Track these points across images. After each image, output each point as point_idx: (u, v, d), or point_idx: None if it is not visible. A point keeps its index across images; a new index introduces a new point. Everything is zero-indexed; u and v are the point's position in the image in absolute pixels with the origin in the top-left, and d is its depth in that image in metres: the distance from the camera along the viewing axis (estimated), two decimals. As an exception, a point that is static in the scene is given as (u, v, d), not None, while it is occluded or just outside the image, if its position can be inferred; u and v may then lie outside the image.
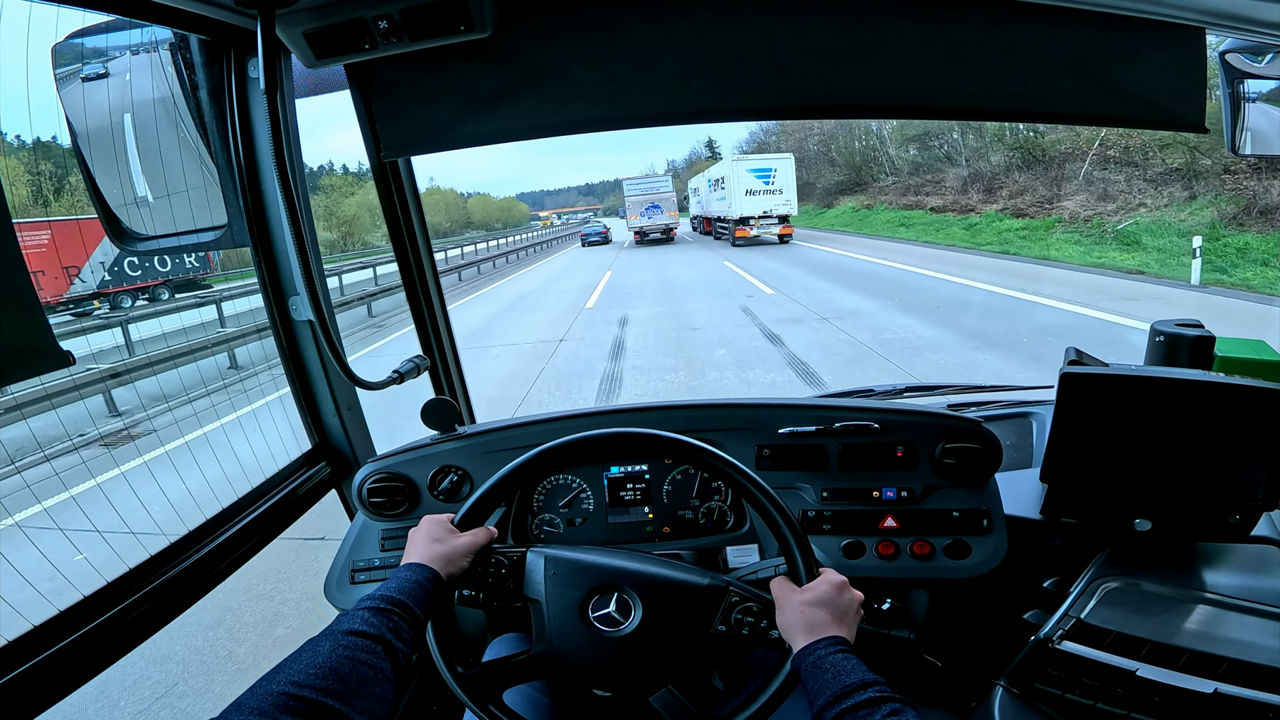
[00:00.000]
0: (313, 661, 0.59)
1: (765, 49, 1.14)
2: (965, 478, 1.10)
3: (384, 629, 0.66)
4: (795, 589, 0.81)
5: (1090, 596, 0.98)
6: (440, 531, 0.85)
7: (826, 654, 0.72)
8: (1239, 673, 0.84)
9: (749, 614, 0.83)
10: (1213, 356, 1.05)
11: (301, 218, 1.03)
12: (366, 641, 0.63)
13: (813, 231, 23.55)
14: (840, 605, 0.79)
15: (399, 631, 0.67)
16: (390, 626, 0.67)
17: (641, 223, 25.41)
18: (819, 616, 0.77)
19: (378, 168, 1.29)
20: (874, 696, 0.65)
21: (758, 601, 0.84)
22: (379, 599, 0.70)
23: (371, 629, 0.65)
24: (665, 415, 1.21)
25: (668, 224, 25.41)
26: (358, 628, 0.65)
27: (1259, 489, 0.93)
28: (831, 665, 0.70)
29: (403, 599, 0.71)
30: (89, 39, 1.00)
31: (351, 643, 0.63)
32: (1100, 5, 0.99)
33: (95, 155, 1.00)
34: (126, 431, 3.58)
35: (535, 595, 0.86)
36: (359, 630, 0.64)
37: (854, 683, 0.67)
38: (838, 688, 0.67)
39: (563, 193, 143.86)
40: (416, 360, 1.33)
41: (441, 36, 1.03)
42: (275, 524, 1.22)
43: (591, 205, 69.16)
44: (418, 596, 0.73)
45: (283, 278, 1.21)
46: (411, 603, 0.72)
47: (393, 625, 0.67)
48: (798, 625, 0.77)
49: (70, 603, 0.90)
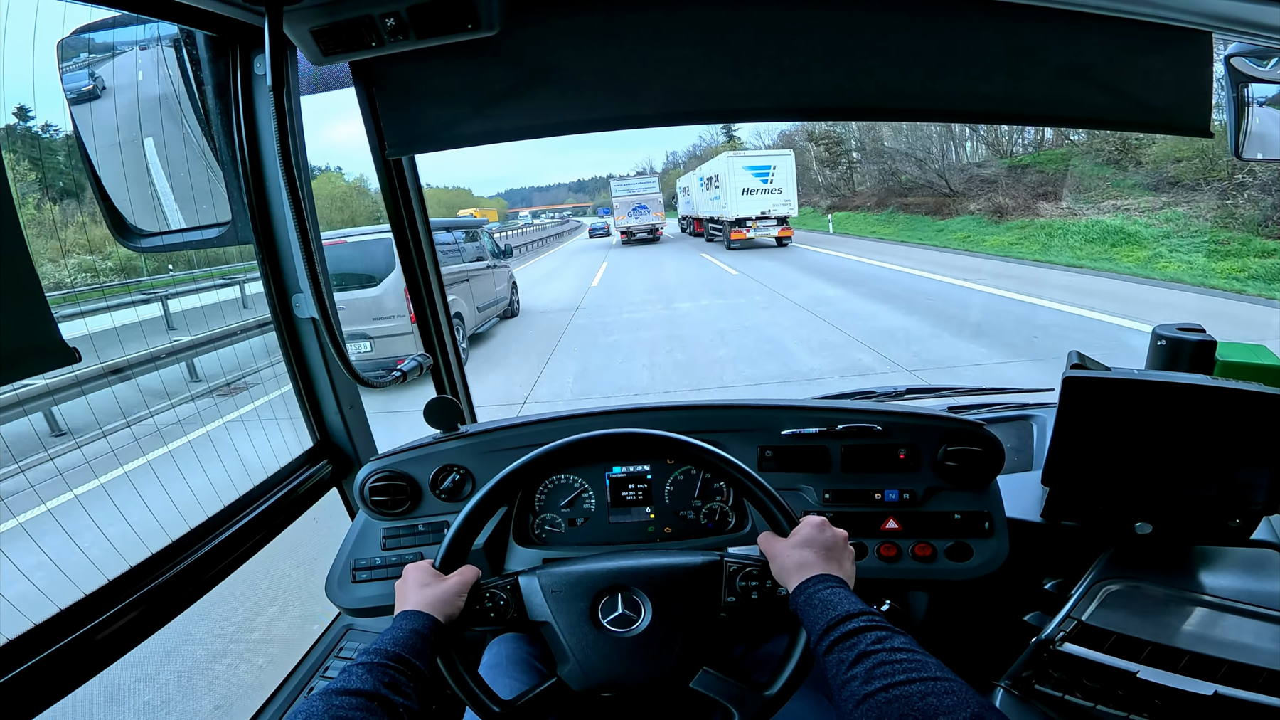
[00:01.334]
0: None
1: (770, 49, 1.14)
2: (967, 480, 1.11)
3: (379, 685, 0.64)
4: (779, 539, 0.83)
5: (1091, 599, 0.98)
6: (426, 577, 0.83)
7: (816, 590, 0.73)
8: (1238, 675, 0.85)
9: (751, 578, 0.84)
10: (1214, 361, 1.06)
11: (306, 215, 1.03)
12: (360, 700, 0.62)
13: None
14: (824, 542, 0.81)
15: (396, 685, 0.66)
16: (386, 681, 0.65)
17: (629, 223, 25.81)
18: (806, 556, 0.79)
19: (382, 165, 1.29)
20: (860, 625, 0.66)
21: (753, 564, 0.85)
22: (373, 653, 0.69)
23: (365, 685, 0.64)
24: (667, 416, 1.21)
25: (654, 224, 25.87)
26: (352, 686, 0.64)
27: (1259, 493, 0.94)
28: (820, 600, 0.72)
29: (398, 651, 0.69)
30: (95, 34, 1.00)
31: (345, 702, 0.62)
32: (1106, 9, 1.00)
33: (100, 151, 1.00)
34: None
35: (542, 618, 0.84)
36: (352, 689, 0.63)
37: (841, 614, 0.68)
38: (826, 620, 0.69)
39: (553, 189, 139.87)
40: (419, 359, 1.33)
41: (448, 34, 1.03)
42: (277, 522, 1.22)
43: (582, 203, 66.56)
44: (415, 647, 0.71)
45: (286, 275, 1.21)
46: (409, 654, 0.70)
47: (389, 680, 0.66)
48: (789, 568, 0.79)
49: (70, 602, 0.89)
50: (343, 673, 0.66)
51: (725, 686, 0.80)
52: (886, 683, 0.59)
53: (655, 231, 25.95)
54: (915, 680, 0.58)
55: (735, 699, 0.79)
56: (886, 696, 0.58)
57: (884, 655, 0.62)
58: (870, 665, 0.61)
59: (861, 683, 0.60)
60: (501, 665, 1.01)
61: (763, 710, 0.78)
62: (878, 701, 0.58)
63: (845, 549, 0.83)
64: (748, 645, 1.05)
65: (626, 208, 25.95)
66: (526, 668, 1.00)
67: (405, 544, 1.17)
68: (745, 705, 0.78)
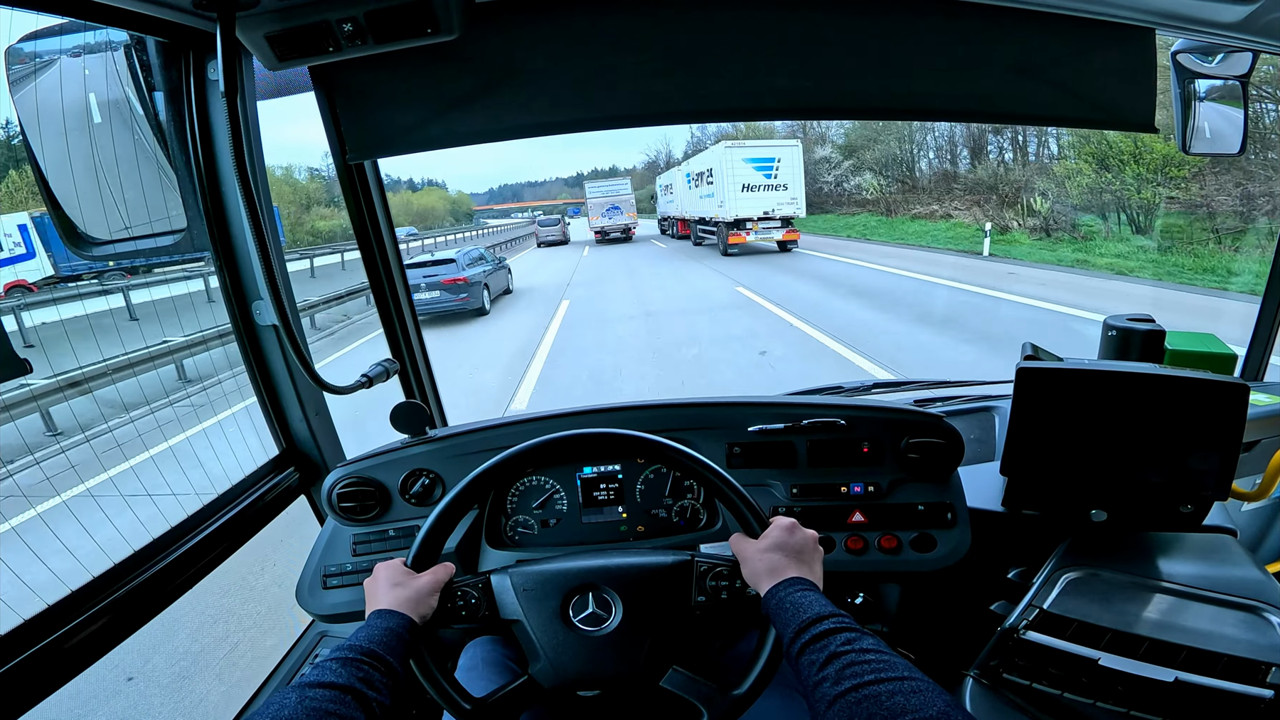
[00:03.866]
0: (279, 715, 0.58)
1: (729, 51, 1.15)
2: (929, 472, 1.12)
3: (353, 679, 0.65)
4: (750, 541, 0.84)
5: (1052, 586, 0.99)
6: (399, 575, 0.83)
7: (787, 594, 0.74)
8: (1198, 661, 0.86)
9: (721, 578, 0.85)
10: (1164, 350, 1.08)
11: (264, 221, 1.02)
12: (334, 693, 0.62)
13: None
14: (794, 545, 0.82)
15: (370, 680, 0.66)
16: (360, 676, 0.65)
17: (602, 223, 26.28)
18: (777, 560, 0.80)
19: (343, 170, 1.28)
20: (831, 627, 0.67)
21: (724, 564, 0.86)
22: (347, 649, 0.69)
23: (339, 679, 0.64)
24: (636, 415, 1.22)
25: (627, 224, 26.31)
26: (325, 679, 0.64)
27: (1209, 479, 0.96)
28: (791, 603, 0.73)
29: (372, 648, 0.70)
30: (43, 41, 0.98)
31: (319, 695, 0.62)
32: (1051, 6, 1.02)
33: (49, 159, 0.98)
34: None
35: (514, 616, 0.85)
36: (326, 682, 0.63)
37: (811, 616, 0.70)
38: (798, 623, 0.70)
39: (547, 184, 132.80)
40: (385, 364, 1.32)
41: (408, 39, 1.03)
42: (242, 531, 1.20)
43: (577, 199, 63.07)
44: (389, 644, 0.71)
45: (245, 282, 1.19)
46: (382, 650, 0.70)
47: (363, 675, 0.66)
48: (760, 572, 0.80)
49: (36, 611, 0.88)
50: (316, 667, 0.66)
51: (695, 685, 0.80)
52: (856, 683, 0.60)
53: (628, 231, 26.45)
54: (883, 680, 0.59)
55: (704, 698, 0.79)
56: (856, 696, 0.59)
57: (853, 656, 0.63)
58: (840, 666, 0.63)
59: (832, 683, 0.61)
60: (478, 668, 1.01)
61: (731, 709, 0.78)
62: (848, 701, 0.59)
63: (815, 550, 0.84)
64: (724, 641, 1.05)
65: (600, 208, 26.37)
66: (502, 669, 1.00)
67: (375, 549, 1.16)
68: (714, 704, 0.78)
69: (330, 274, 15.64)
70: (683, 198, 21.71)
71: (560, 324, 8.95)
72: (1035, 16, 1.05)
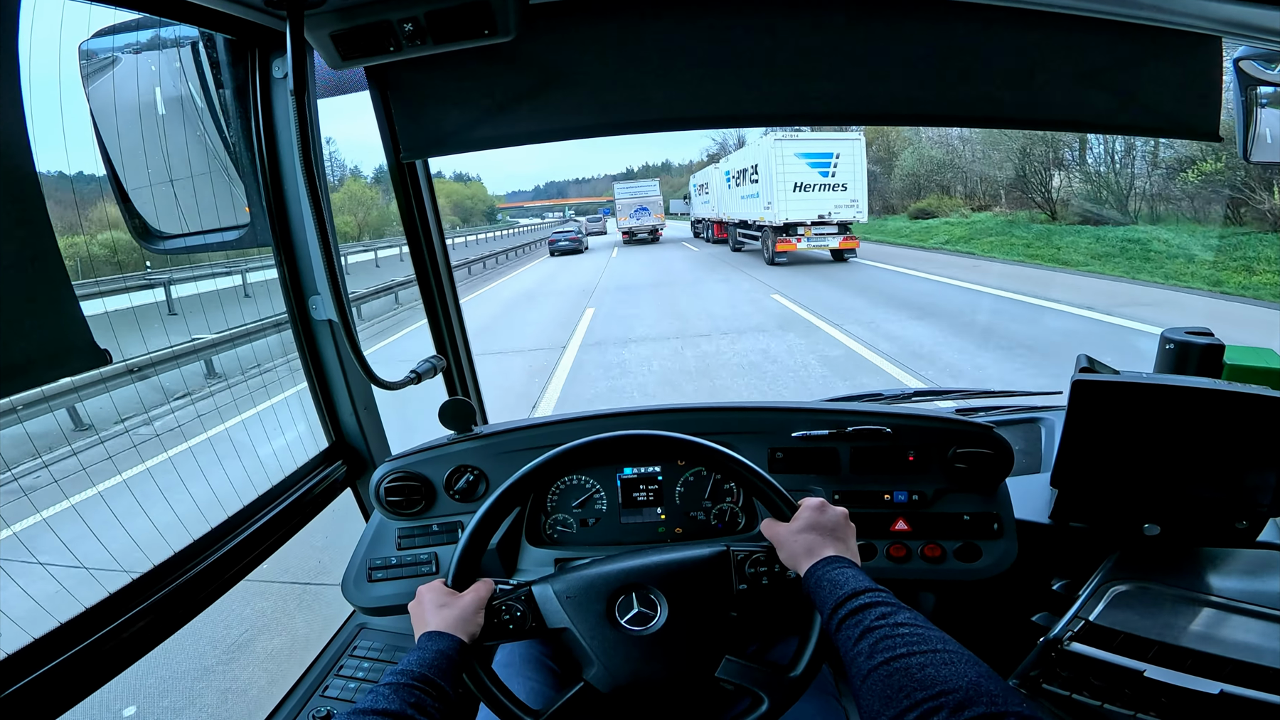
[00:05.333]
0: None
1: (781, 54, 1.15)
2: (976, 482, 1.12)
3: (405, 705, 0.66)
4: (782, 524, 0.86)
5: (1099, 599, 0.99)
6: (443, 596, 0.83)
7: (824, 572, 0.76)
8: (1244, 674, 0.86)
9: (759, 564, 0.86)
10: (1222, 364, 1.07)
11: (325, 218, 1.04)
12: (388, 719, 0.64)
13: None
14: (826, 524, 0.83)
15: (422, 706, 0.67)
16: (413, 702, 0.67)
17: (630, 224, 27.09)
18: (811, 540, 0.81)
19: (396, 169, 1.30)
20: (866, 602, 0.69)
21: (759, 550, 0.87)
22: (400, 674, 0.70)
23: (392, 705, 0.65)
24: (678, 418, 1.22)
25: (654, 225, 27.20)
26: (379, 706, 0.65)
27: (1265, 495, 0.95)
28: (829, 581, 0.74)
29: (425, 673, 0.70)
30: (116, 38, 1.01)
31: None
32: (1117, 15, 1.01)
33: (122, 154, 1.01)
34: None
35: (561, 624, 0.85)
36: (380, 709, 0.65)
37: (848, 591, 0.71)
38: (835, 599, 0.71)
39: (594, 181, 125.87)
40: (433, 360, 1.34)
41: (465, 40, 1.04)
42: (293, 522, 1.23)
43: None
44: (441, 667, 0.72)
45: (303, 277, 1.21)
46: (435, 675, 0.71)
47: (415, 700, 0.67)
48: (798, 553, 0.81)
49: (92, 602, 0.90)
50: (370, 693, 0.67)
51: (751, 672, 0.81)
52: (888, 655, 0.61)
53: (655, 232, 27.19)
54: (915, 653, 0.60)
55: (762, 683, 0.80)
56: (888, 670, 0.60)
57: (887, 630, 0.64)
58: (874, 640, 0.64)
59: (866, 657, 0.63)
60: (515, 665, 1.01)
61: (790, 690, 0.79)
62: (880, 675, 0.60)
63: (848, 526, 0.85)
64: (760, 645, 1.06)
65: (629, 209, 27.01)
66: (540, 666, 1.01)
67: (420, 543, 1.18)
68: (773, 688, 0.79)
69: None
70: (721, 198, 20.09)
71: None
72: (1098, 25, 1.04)
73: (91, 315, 0.76)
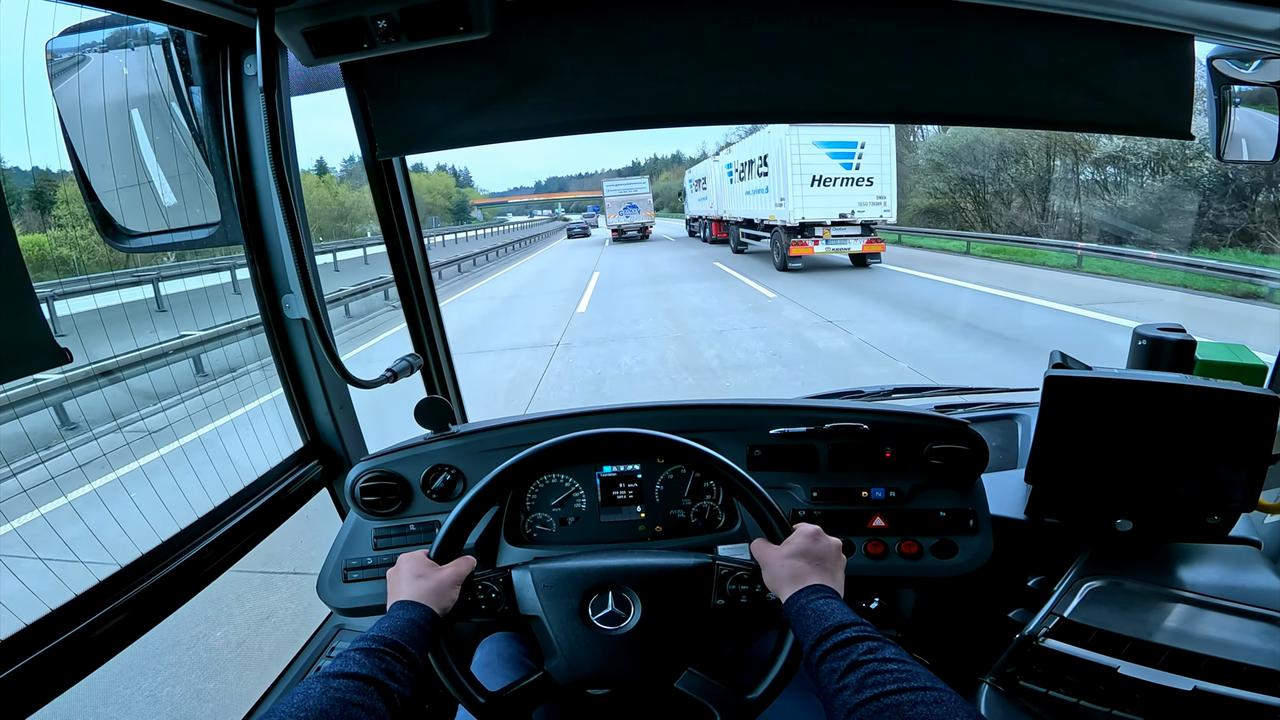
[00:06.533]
0: (304, 705, 0.59)
1: (760, 51, 1.15)
2: (952, 478, 1.12)
3: (376, 670, 0.66)
4: (773, 546, 0.84)
5: (1074, 595, 0.99)
6: (421, 567, 0.84)
7: (809, 601, 0.75)
8: (1218, 671, 0.86)
9: (741, 582, 0.85)
10: (1194, 360, 1.07)
11: (296, 216, 1.03)
12: (358, 684, 0.63)
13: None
14: (817, 553, 0.82)
15: (392, 672, 0.67)
16: (383, 667, 0.66)
17: (619, 221, 26.99)
18: (799, 566, 0.80)
19: (372, 166, 1.29)
20: (853, 635, 0.67)
21: (744, 568, 0.86)
22: (370, 639, 0.70)
23: (363, 670, 0.65)
24: (657, 415, 1.22)
25: (644, 223, 27.15)
26: (349, 670, 0.65)
27: (1237, 490, 0.95)
28: (813, 611, 0.73)
29: (395, 639, 0.70)
30: (83, 35, 1.00)
31: (343, 685, 0.63)
32: (1089, 12, 1.01)
33: (88, 152, 1.00)
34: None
35: (533, 612, 0.85)
36: (350, 673, 0.64)
37: (834, 624, 0.70)
38: (819, 630, 0.70)
39: (595, 176, 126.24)
40: (409, 359, 1.33)
41: (440, 36, 1.04)
42: (266, 523, 1.22)
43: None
44: (411, 635, 0.72)
45: (276, 275, 1.20)
46: (405, 642, 0.71)
47: (385, 666, 0.67)
48: (782, 578, 0.80)
49: (58, 604, 0.89)
50: (340, 657, 0.67)
51: (709, 688, 0.80)
52: (877, 692, 0.60)
53: (644, 230, 27.24)
54: (905, 690, 0.59)
55: (718, 701, 0.79)
56: (877, 705, 0.59)
57: (875, 665, 0.63)
58: (862, 675, 0.63)
59: (853, 692, 0.62)
60: (494, 664, 1.02)
61: (745, 713, 0.78)
62: (869, 710, 0.59)
63: (838, 559, 0.83)
64: (737, 645, 1.06)
65: (617, 207, 26.91)
66: (517, 665, 1.01)
67: (396, 544, 1.17)
68: (728, 707, 0.78)
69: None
70: (722, 193, 17.76)
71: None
72: (1070, 22, 1.04)
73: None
